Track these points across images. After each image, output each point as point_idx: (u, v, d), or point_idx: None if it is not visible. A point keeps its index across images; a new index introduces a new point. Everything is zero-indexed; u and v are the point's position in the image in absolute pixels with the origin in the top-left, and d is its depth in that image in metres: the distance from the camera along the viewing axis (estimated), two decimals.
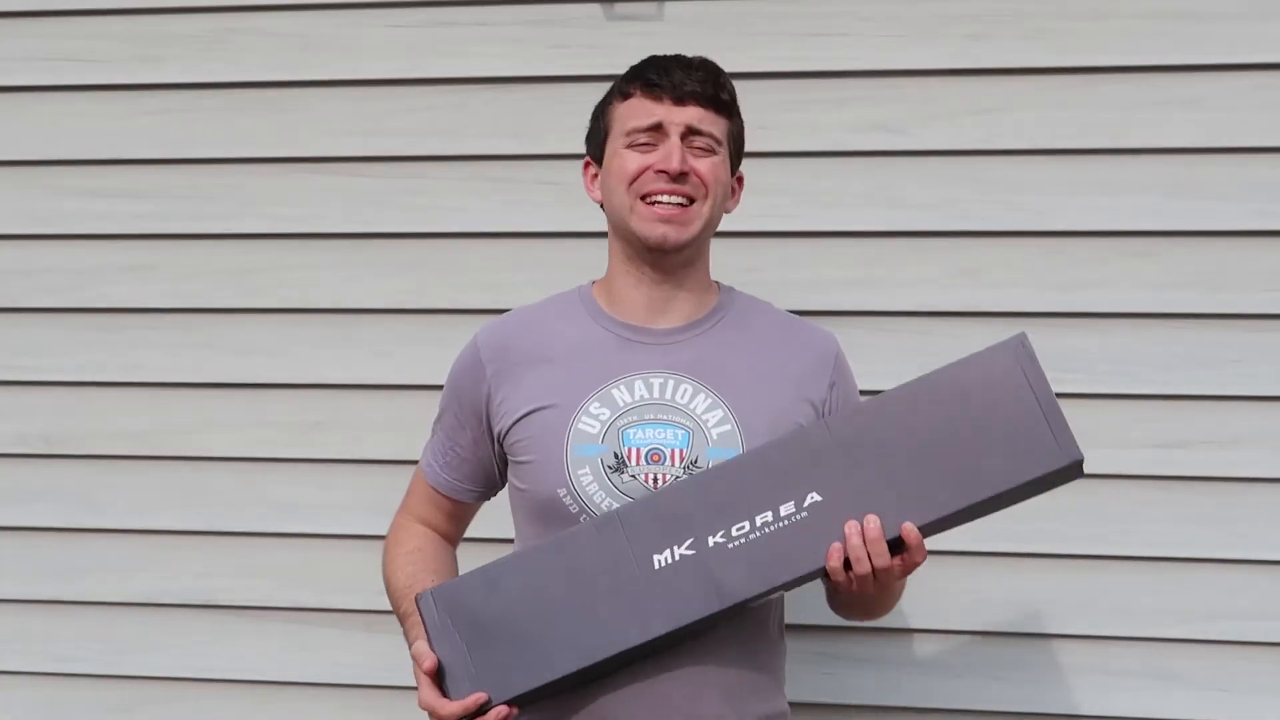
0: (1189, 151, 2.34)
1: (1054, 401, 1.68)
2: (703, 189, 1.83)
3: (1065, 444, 1.67)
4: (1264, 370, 2.35)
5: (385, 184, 2.53)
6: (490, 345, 1.92)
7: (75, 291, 2.61)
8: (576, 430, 1.81)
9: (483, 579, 1.77)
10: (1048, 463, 1.67)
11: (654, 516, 1.72)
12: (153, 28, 2.56)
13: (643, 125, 1.83)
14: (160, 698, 2.64)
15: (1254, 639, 2.37)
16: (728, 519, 1.70)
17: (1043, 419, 1.68)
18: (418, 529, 1.99)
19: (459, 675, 1.73)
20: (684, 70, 1.84)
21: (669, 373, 1.84)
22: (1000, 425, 1.68)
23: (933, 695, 2.44)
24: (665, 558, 1.71)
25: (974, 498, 1.67)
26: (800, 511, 1.69)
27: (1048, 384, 1.69)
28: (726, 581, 1.69)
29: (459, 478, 1.97)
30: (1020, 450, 1.67)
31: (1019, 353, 1.71)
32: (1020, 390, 1.69)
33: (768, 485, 1.70)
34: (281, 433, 2.58)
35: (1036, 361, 1.70)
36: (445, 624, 1.75)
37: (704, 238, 1.88)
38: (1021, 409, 1.68)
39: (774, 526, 1.69)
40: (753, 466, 1.73)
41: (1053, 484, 1.71)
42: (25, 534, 2.66)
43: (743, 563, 1.69)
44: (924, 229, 2.40)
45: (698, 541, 1.70)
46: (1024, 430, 1.67)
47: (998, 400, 1.69)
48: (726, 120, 1.87)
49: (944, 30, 2.38)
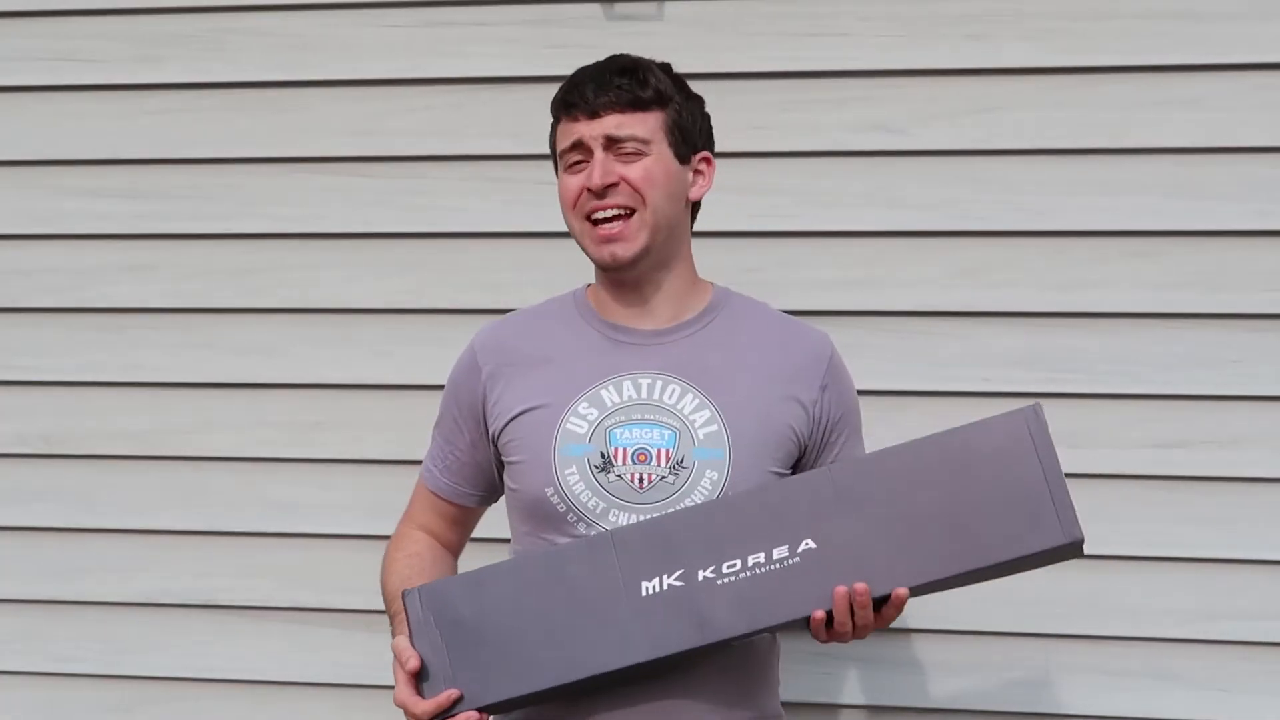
0: (1189, 151, 2.34)
1: (1060, 477, 1.67)
2: (637, 195, 1.82)
3: (1066, 522, 1.66)
4: (1264, 370, 2.34)
5: (385, 184, 2.53)
6: (486, 347, 1.93)
7: (75, 291, 2.61)
8: (564, 430, 1.82)
9: (470, 581, 1.78)
10: (1046, 539, 1.66)
11: (648, 542, 1.72)
12: (153, 28, 2.56)
13: (567, 146, 1.84)
14: (160, 698, 2.64)
15: (1254, 639, 2.37)
16: (719, 555, 1.69)
17: (1047, 494, 1.66)
18: (418, 535, 1.99)
19: (436, 674, 1.73)
20: (597, 82, 1.83)
21: (657, 373, 1.85)
22: (1003, 495, 1.67)
23: (933, 695, 2.44)
24: (654, 586, 1.70)
25: (967, 566, 1.66)
26: (793, 557, 1.68)
27: (1056, 458, 1.68)
28: (711, 617, 1.68)
29: (458, 481, 1.97)
30: (1020, 523, 1.66)
31: (1031, 423, 1.69)
32: (1028, 462, 1.68)
33: (764, 526, 1.70)
34: (281, 433, 2.58)
35: (1047, 433, 1.69)
36: (428, 621, 1.75)
37: (660, 240, 1.86)
38: (1027, 481, 1.67)
39: (765, 569, 1.69)
40: (752, 505, 1.72)
41: (1051, 560, 1.70)
42: (25, 534, 2.66)
43: (729, 600, 1.68)
44: (924, 229, 2.40)
45: (688, 573, 1.70)
46: (1027, 503, 1.66)
47: (1004, 469, 1.68)
48: (657, 113, 1.84)
49: (944, 30, 2.38)
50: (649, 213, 1.83)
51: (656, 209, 1.83)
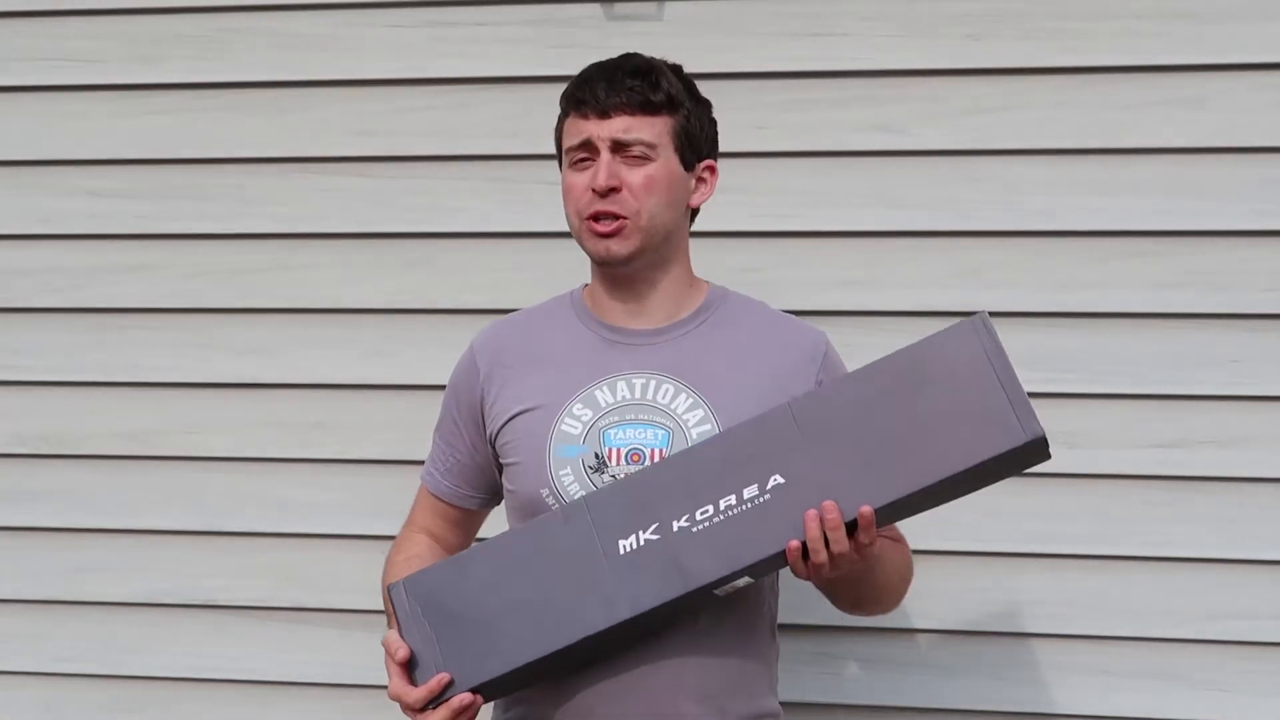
0: (1189, 151, 2.34)
1: (1015, 379, 1.67)
2: (633, 203, 1.82)
3: (1026, 421, 1.65)
4: (1264, 370, 2.34)
5: (385, 184, 2.53)
6: (484, 349, 1.94)
7: (75, 291, 2.61)
8: (559, 431, 1.83)
9: (453, 567, 1.79)
10: (1009, 439, 1.65)
11: (621, 503, 1.73)
12: (153, 28, 2.57)
13: (575, 144, 1.84)
14: (160, 698, 2.64)
15: (1254, 639, 2.37)
16: (692, 503, 1.70)
17: (1004, 397, 1.66)
18: (418, 538, 1.99)
19: (428, 664, 1.73)
20: (609, 82, 1.83)
21: (651, 373, 1.85)
22: (962, 404, 1.67)
23: (933, 695, 2.44)
24: (630, 543, 1.71)
25: (936, 476, 1.66)
26: (763, 494, 1.69)
27: (1009, 362, 1.68)
28: (689, 565, 1.69)
29: (459, 483, 1.97)
30: (982, 428, 1.66)
31: (981, 331, 1.70)
32: (982, 369, 1.68)
33: (732, 469, 1.71)
34: (281, 433, 2.58)
35: (998, 340, 1.69)
36: (415, 612, 1.75)
37: (656, 243, 1.86)
38: (983, 388, 1.67)
39: (737, 510, 1.69)
40: (718, 450, 1.73)
41: (1019, 464, 1.70)
42: (25, 534, 2.66)
43: (706, 546, 1.69)
44: (924, 229, 2.40)
45: (662, 526, 1.71)
46: (985, 409, 1.66)
47: (959, 379, 1.68)
48: (666, 118, 1.84)
49: (944, 30, 2.38)
50: (645, 218, 1.83)
51: (654, 215, 1.84)
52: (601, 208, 1.82)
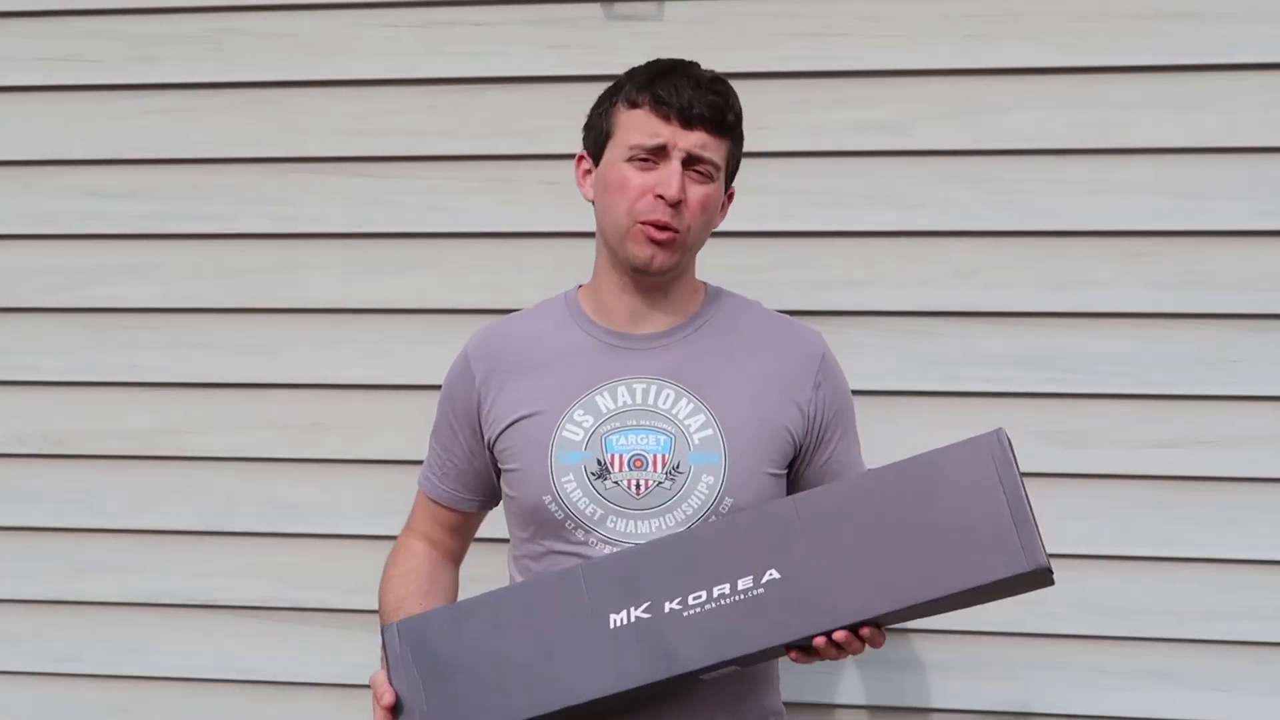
0: (1189, 151, 2.34)
1: (1024, 504, 1.64)
2: (688, 219, 1.81)
3: (1030, 550, 1.62)
4: (1264, 370, 2.35)
5: (385, 184, 2.53)
6: (479, 352, 1.92)
7: (75, 291, 2.61)
8: (560, 437, 1.82)
9: (449, 616, 1.78)
10: (1009, 567, 1.63)
11: (616, 574, 1.72)
12: (152, 28, 2.56)
13: (647, 145, 1.80)
14: (160, 698, 2.64)
15: (1254, 639, 2.37)
16: (686, 586, 1.69)
17: (1010, 521, 1.63)
18: (416, 547, 1.99)
19: (411, 709, 1.74)
20: (695, 90, 1.80)
21: (652, 378, 1.84)
22: (967, 523, 1.64)
23: (933, 695, 2.44)
24: (621, 618, 1.70)
25: (931, 594, 1.64)
26: (757, 588, 1.68)
27: (1020, 485, 1.65)
28: (676, 649, 1.68)
29: (457, 488, 1.97)
30: (984, 551, 1.63)
31: (994, 449, 1.66)
32: (991, 489, 1.65)
33: (729, 557, 1.69)
34: (281, 433, 2.58)
35: (1010, 460, 1.66)
36: (405, 657, 1.76)
37: (687, 259, 1.87)
38: (990, 508, 1.64)
39: (730, 600, 1.68)
40: (718, 537, 1.71)
41: (1020, 589, 1.67)
42: (25, 534, 2.66)
43: (695, 633, 1.68)
44: (924, 229, 2.40)
45: (654, 605, 1.69)
46: (990, 531, 1.63)
47: (967, 496, 1.65)
48: (728, 142, 1.84)
49: (944, 30, 2.38)
50: (691, 237, 1.83)
51: (698, 235, 1.85)
52: (666, 219, 1.79)
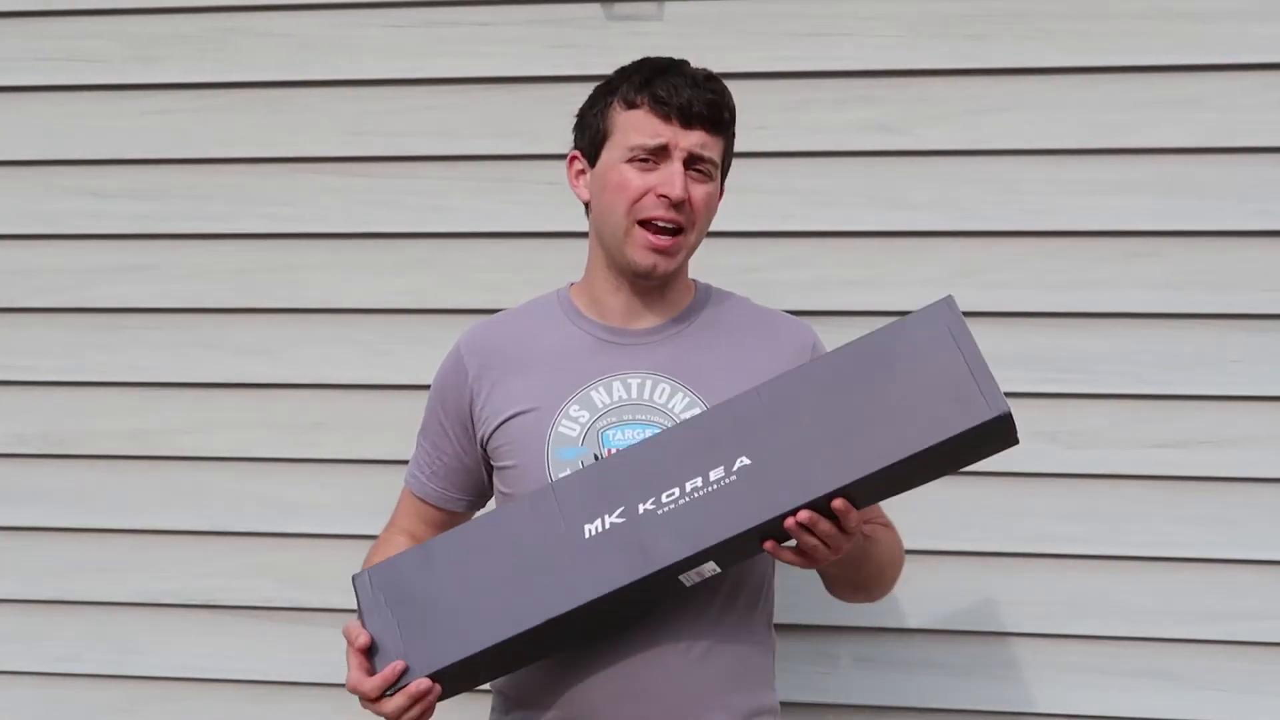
0: (1189, 151, 2.34)
1: (981, 359, 1.67)
2: (693, 218, 1.82)
3: (992, 399, 1.65)
4: (1264, 370, 2.34)
5: (385, 184, 2.53)
6: (472, 350, 1.93)
7: (75, 291, 2.61)
8: (556, 433, 1.82)
9: (419, 555, 1.79)
10: (974, 416, 1.64)
11: (588, 487, 1.73)
12: (153, 28, 2.56)
13: (648, 145, 1.80)
14: (160, 698, 2.64)
15: (1254, 639, 2.37)
16: (659, 486, 1.70)
17: (969, 376, 1.66)
18: (399, 540, 1.98)
19: (390, 652, 1.73)
20: (693, 88, 1.80)
21: (647, 373, 1.85)
22: (928, 385, 1.67)
23: (932, 695, 2.44)
24: (596, 527, 1.71)
25: (901, 454, 1.65)
26: (729, 475, 1.69)
27: (974, 342, 1.69)
28: (653, 546, 1.68)
29: (446, 487, 1.97)
30: (947, 407, 1.65)
31: (946, 313, 1.70)
32: (947, 350, 1.68)
33: (699, 452, 1.71)
34: (281, 433, 2.58)
35: (963, 321, 1.70)
36: (378, 601, 1.75)
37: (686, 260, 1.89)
38: (949, 368, 1.67)
39: (703, 491, 1.69)
40: (685, 434, 1.73)
41: (989, 444, 1.69)
42: (25, 534, 2.66)
43: (671, 528, 1.69)
44: (924, 229, 2.40)
45: (628, 510, 1.70)
46: (951, 388, 1.66)
47: (925, 361, 1.68)
48: (724, 139, 1.85)
49: (944, 30, 2.38)
50: (694, 236, 1.84)
51: (699, 234, 1.86)
52: (670, 215, 1.80)
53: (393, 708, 1.71)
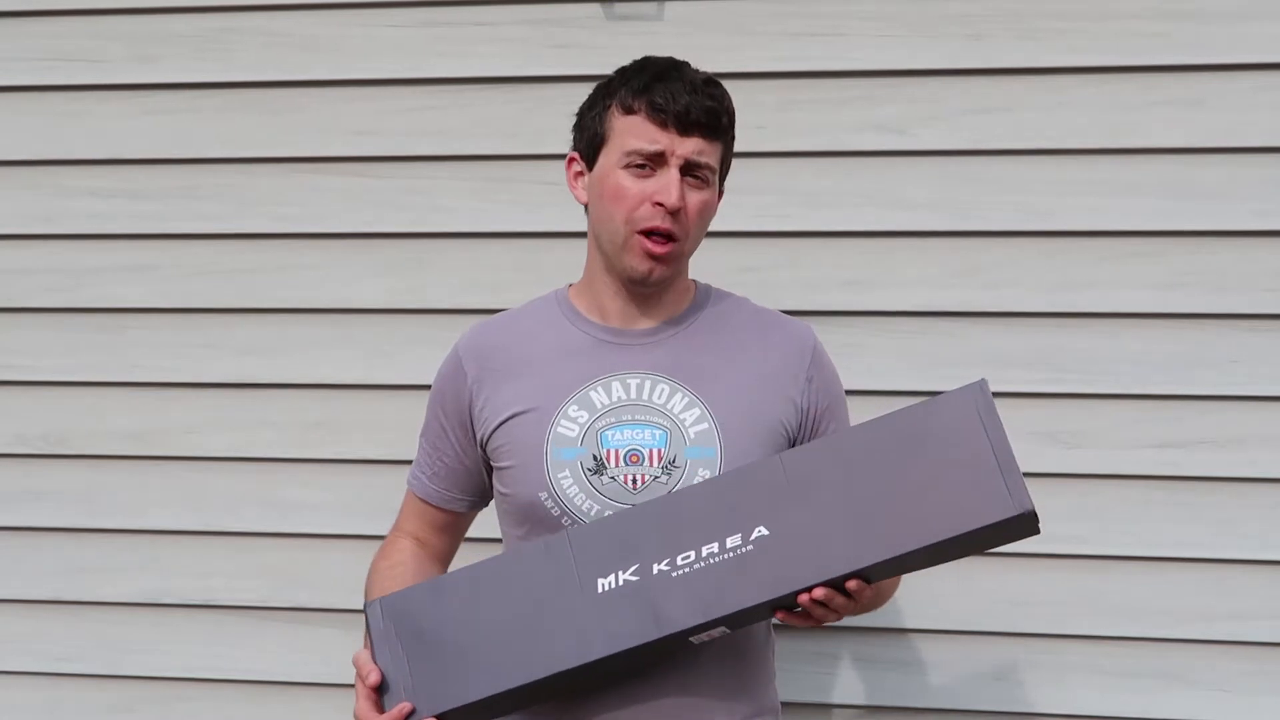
0: (1189, 151, 2.34)
1: (1009, 451, 1.66)
2: (688, 226, 1.82)
3: (1017, 495, 1.63)
4: (1264, 370, 2.35)
5: (385, 184, 2.53)
6: (471, 351, 1.92)
7: (75, 291, 2.61)
8: (555, 434, 1.82)
9: (431, 589, 1.78)
10: (997, 512, 1.63)
11: (604, 540, 1.72)
12: (152, 28, 2.56)
13: (645, 151, 1.79)
14: (160, 698, 2.64)
15: (1254, 639, 2.37)
16: (674, 547, 1.69)
17: (996, 468, 1.64)
18: (404, 544, 1.98)
19: (397, 686, 1.73)
20: (691, 94, 1.79)
21: (646, 373, 1.85)
22: (954, 473, 1.66)
23: (933, 695, 2.44)
24: (609, 582, 1.70)
25: (920, 543, 1.64)
26: (746, 544, 1.68)
27: (1003, 431, 1.67)
28: (665, 609, 1.68)
29: (447, 487, 1.97)
30: (971, 498, 1.64)
31: (977, 399, 1.68)
32: (976, 438, 1.66)
33: (718, 516, 1.70)
34: (281, 433, 2.58)
35: (994, 406, 1.68)
36: (389, 633, 1.75)
37: (684, 265, 1.89)
38: (975, 457, 1.65)
39: (719, 558, 1.68)
40: (705, 496, 1.72)
41: (1009, 536, 1.68)
42: (25, 534, 2.66)
43: (684, 592, 1.68)
44: (924, 229, 2.40)
45: (642, 568, 1.70)
46: (976, 478, 1.65)
47: (952, 446, 1.67)
48: (722, 145, 1.84)
49: (944, 30, 2.38)
50: (689, 243, 1.84)
51: (695, 241, 1.85)
52: (667, 225, 1.79)
53: None
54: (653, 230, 1.80)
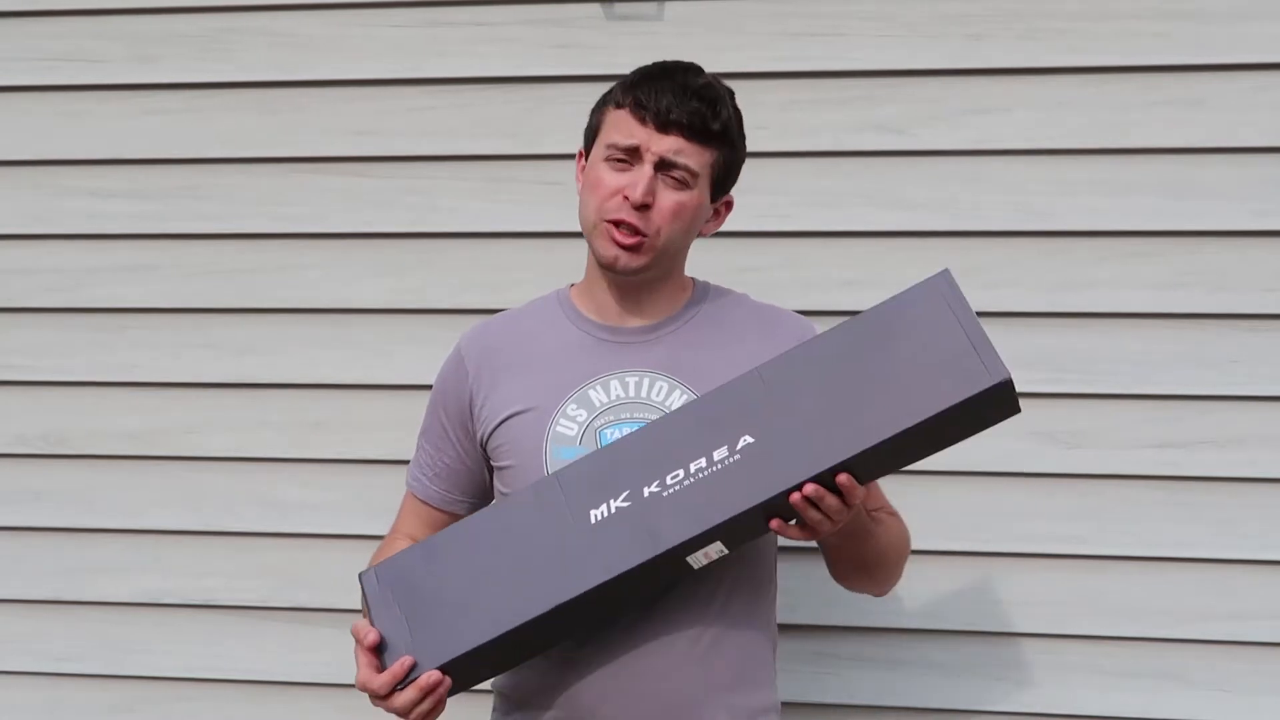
0: (1189, 151, 2.34)
1: (979, 329, 1.68)
2: (656, 223, 1.81)
3: (992, 366, 1.66)
4: (1264, 370, 2.35)
5: (385, 184, 2.53)
6: (472, 350, 1.93)
7: (75, 291, 2.61)
8: (555, 432, 1.83)
9: (423, 550, 1.78)
10: (975, 385, 1.65)
11: (591, 474, 1.73)
12: (152, 28, 2.56)
13: (621, 145, 1.81)
14: (160, 698, 2.64)
15: (1254, 639, 2.37)
16: (663, 469, 1.71)
17: (969, 345, 1.67)
18: (401, 544, 1.96)
19: (398, 648, 1.72)
20: (677, 95, 1.80)
21: (644, 371, 1.85)
22: (927, 356, 1.68)
23: (933, 695, 2.44)
24: (601, 512, 1.71)
25: (903, 425, 1.65)
26: (733, 455, 1.69)
27: (973, 313, 1.70)
28: (660, 527, 1.68)
29: (448, 488, 1.96)
30: (948, 377, 1.66)
31: (943, 286, 1.71)
32: (945, 321, 1.69)
33: (702, 433, 1.71)
34: (281, 433, 2.58)
35: (960, 293, 1.71)
36: (386, 597, 1.75)
37: (664, 262, 1.87)
38: (947, 338, 1.68)
39: (707, 471, 1.69)
40: (687, 417, 1.74)
41: (991, 412, 1.70)
42: (25, 534, 2.66)
43: (677, 509, 1.69)
44: (924, 229, 2.40)
45: (633, 493, 1.71)
46: (951, 358, 1.67)
47: (924, 332, 1.69)
48: (713, 150, 1.83)
49: (944, 30, 2.38)
50: (662, 241, 1.83)
51: (670, 240, 1.84)
52: (628, 218, 1.80)
53: (403, 702, 1.70)
54: (619, 221, 1.81)
